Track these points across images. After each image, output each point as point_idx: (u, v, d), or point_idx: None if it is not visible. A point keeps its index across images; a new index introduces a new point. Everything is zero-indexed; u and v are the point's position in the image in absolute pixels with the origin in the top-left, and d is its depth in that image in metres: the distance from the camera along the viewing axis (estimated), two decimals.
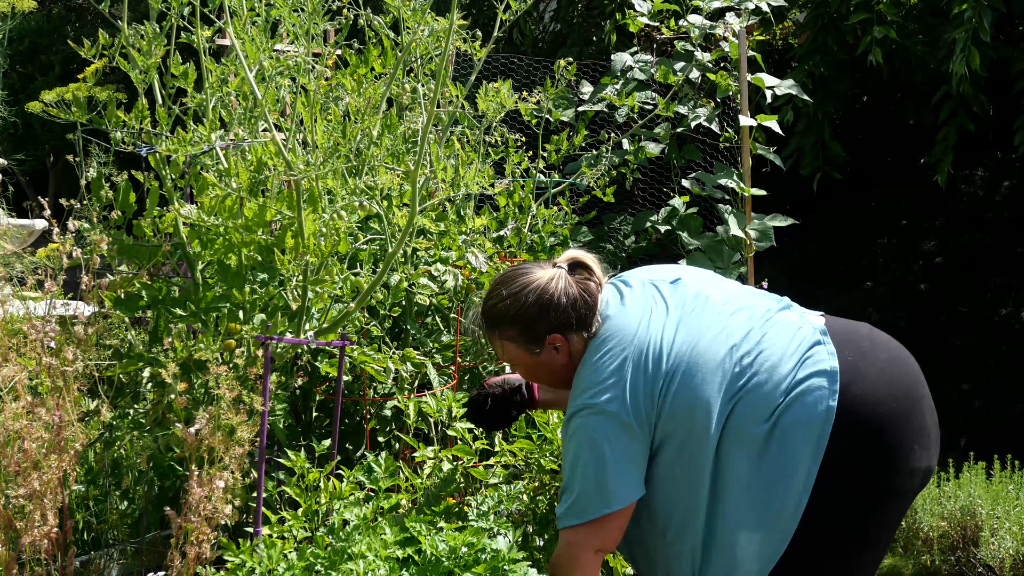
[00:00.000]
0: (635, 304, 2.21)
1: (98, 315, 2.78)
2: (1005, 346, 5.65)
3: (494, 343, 2.31)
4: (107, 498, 2.95)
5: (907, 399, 2.15)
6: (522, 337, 2.22)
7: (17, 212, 4.87)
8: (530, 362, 2.26)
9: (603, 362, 2.13)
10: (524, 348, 2.23)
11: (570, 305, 2.19)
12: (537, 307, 2.19)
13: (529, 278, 2.22)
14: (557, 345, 2.21)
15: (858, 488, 2.11)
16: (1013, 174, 6.18)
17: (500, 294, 2.24)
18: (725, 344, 2.13)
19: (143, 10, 3.02)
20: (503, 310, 2.22)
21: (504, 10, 3.13)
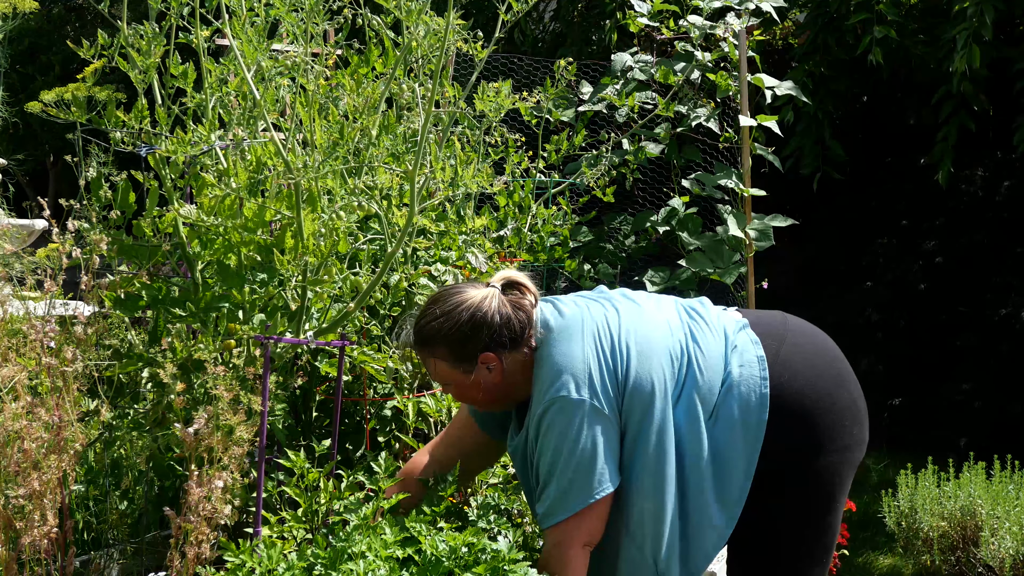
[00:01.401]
0: (574, 308, 2.26)
1: (98, 315, 2.78)
2: (1005, 346, 5.65)
3: (426, 363, 2.32)
4: (107, 498, 2.94)
5: (831, 379, 2.21)
6: (453, 356, 2.23)
7: (17, 212, 4.87)
8: (461, 381, 2.26)
9: (560, 357, 2.15)
10: (456, 367, 2.24)
11: (504, 324, 2.21)
12: (470, 326, 2.21)
13: (462, 297, 2.24)
14: (491, 365, 2.22)
15: (795, 471, 2.16)
16: (1013, 174, 6.18)
17: (433, 313, 2.25)
18: (665, 336, 2.19)
19: (143, 10, 3.01)
20: (435, 328, 2.24)
21: (505, 11, 3.13)
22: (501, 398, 2.29)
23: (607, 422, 2.11)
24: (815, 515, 2.23)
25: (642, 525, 2.16)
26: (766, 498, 2.16)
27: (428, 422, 3.15)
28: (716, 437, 2.13)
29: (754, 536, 2.20)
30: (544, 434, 2.13)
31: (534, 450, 2.20)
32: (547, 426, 2.13)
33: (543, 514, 2.15)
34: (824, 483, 2.21)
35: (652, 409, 2.11)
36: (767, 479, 2.15)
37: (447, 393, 2.44)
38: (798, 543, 2.23)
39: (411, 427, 3.12)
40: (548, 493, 2.14)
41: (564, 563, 2.13)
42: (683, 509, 2.15)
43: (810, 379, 2.19)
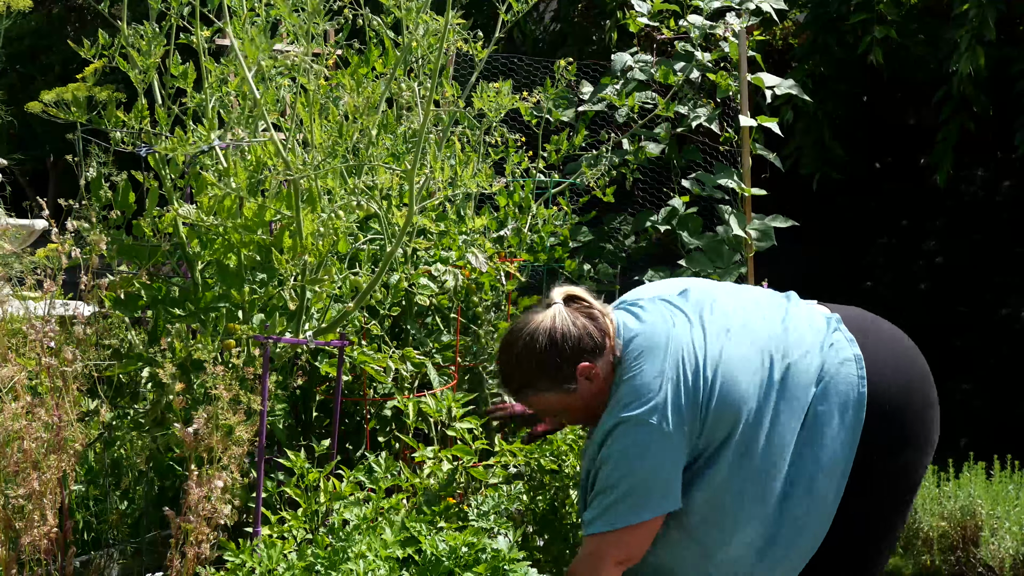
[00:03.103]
0: (655, 319, 2.21)
1: (97, 315, 2.78)
2: (1005, 346, 5.65)
3: (533, 405, 2.30)
4: (107, 498, 2.94)
5: (917, 376, 2.22)
6: (553, 382, 2.18)
7: (17, 212, 4.87)
8: (572, 403, 2.21)
9: (639, 377, 2.11)
10: (560, 391, 2.19)
11: (582, 332, 2.17)
12: (552, 346, 2.16)
13: (530, 327, 2.20)
14: (589, 375, 2.17)
15: (882, 468, 2.15)
16: (1013, 174, 6.18)
17: (511, 355, 2.22)
18: (754, 346, 2.15)
19: (143, 10, 3.01)
20: (522, 367, 2.20)
21: (505, 11, 3.13)
22: (595, 409, 2.22)
23: (675, 448, 2.08)
24: (888, 512, 2.22)
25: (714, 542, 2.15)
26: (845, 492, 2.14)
27: (428, 422, 3.14)
28: (811, 441, 2.11)
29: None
30: (608, 448, 2.11)
31: (594, 458, 2.16)
32: (613, 441, 2.10)
33: (587, 520, 2.13)
34: (903, 480, 2.20)
35: (735, 431, 2.09)
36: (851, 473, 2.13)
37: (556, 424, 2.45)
38: (867, 540, 2.21)
39: (411, 427, 3.12)
40: (598, 502, 2.11)
41: (594, 573, 2.12)
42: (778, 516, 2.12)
43: (898, 376, 2.18)
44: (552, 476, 2.92)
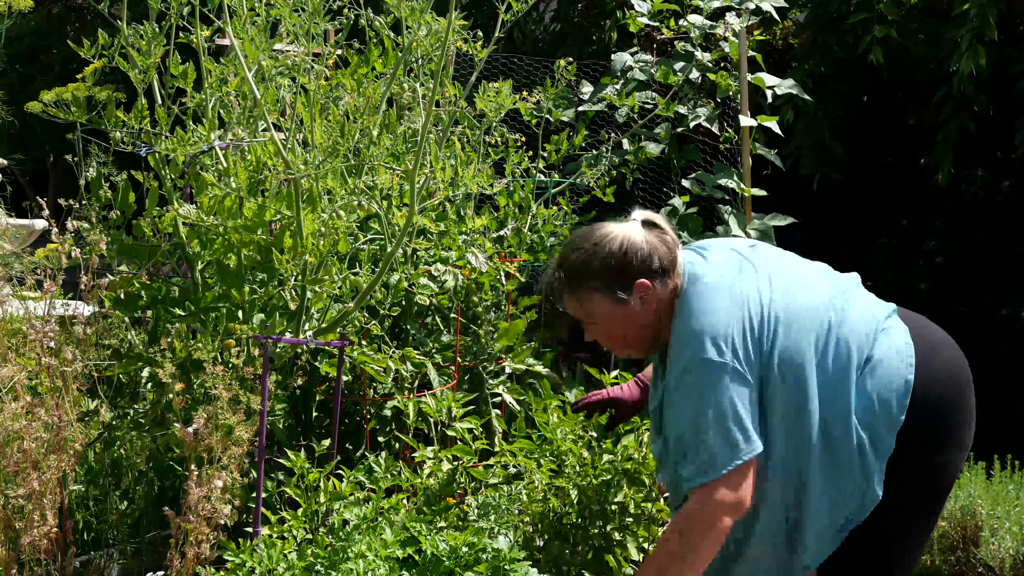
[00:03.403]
0: (722, 263, 2.22)
1: (97, 315, 2.78)
2: (1005, 346, 5.64)
3: (576, 300, 2.25)
4: (107, 498, 2.94)
5: (964, 379, 2.24)
6: (609, 286, 2.18)
7: (17, 212, 4.87)
8: (614, 314, 2.20)
9: (705, 315, 2.11)
10: (611, 298, 2.19)
11: (652, 252, 2.18)
12: (621, 253, 2.17)
13: (607, 229, 2.22)
14: (643, 295, 2.18)
15: (921, 461, 2.16)
16: (1013, 174, 6.17)
17: (582, 247, 2.21)
18: (816, 306, 2.17)
19: (143, 10, 3.01)
20: (587, 260, 2.19)
21: (505, 11, 3.13)
22: (648, 337, 2.24)
23: (748, 385, 2.08)
24: (923, 509, 2.23)
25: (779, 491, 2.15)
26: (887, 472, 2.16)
27: (428, 422, 3.14)
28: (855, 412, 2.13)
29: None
30: (684, 395, 2.10)
31: (670, 405, 2.16)
32: (690, 386, 2.09)
33: (689, 475, 2.09)
34: (940, 478, 2.21)
35: (798, 380, 2.10)
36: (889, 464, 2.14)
37: (592, 335, 2.31)
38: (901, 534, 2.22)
39: (411, 427, 3.12)
40: (693, 455, 2.08)
41: (709, 525, 2.06)
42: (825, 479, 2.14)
43: (947, 375, 2.20)
44: (552, 476, 2.92)
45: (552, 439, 3.12)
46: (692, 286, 2.17)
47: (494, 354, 3.59)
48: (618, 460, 3.13)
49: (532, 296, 4.18)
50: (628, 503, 3.01)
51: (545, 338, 4.71)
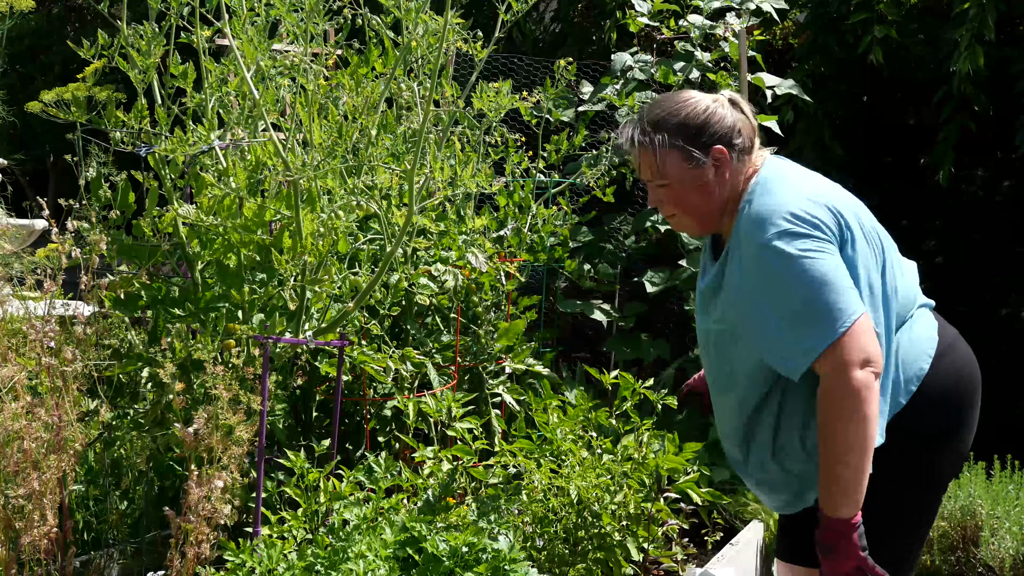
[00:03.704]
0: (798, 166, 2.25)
1: (97, 315, 2.78)
2: (1005, 346, 5.64)
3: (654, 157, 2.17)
4: (107, 498, 2.95)
5: (977, 382, 2.28)
6: (687, 145, 2.14)
7: (17, 212, 4.87)
8: (688, 177, 2.15)
9: (787, 193, 2.09)
10: (686, 158, 2.14)
11: (735, 125, 2.16)
12: (704, 116, 2.15)
13: (692, 93, 2.21)
14: (718, 163, 2.15)
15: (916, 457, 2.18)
16: (1013, 174, 6.17)
17: (666, 104, 2.19)
18: (889, 247, 2.19)
19: (143, 10, 3.01)
20: (668, 117, 2.16)
21: (505, 11, 3.13)
22: (713, 212, 2.18)
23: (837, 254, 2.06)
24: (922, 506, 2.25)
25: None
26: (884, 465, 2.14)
27: (428, 422, 3.14)
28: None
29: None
30: (782, 266, 2.03)
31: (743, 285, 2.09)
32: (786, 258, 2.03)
33: (807, 349, 2.01)
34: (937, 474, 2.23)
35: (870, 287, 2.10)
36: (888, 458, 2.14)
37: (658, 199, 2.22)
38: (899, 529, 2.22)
39: (411, 427, 3.12)
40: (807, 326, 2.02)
41: (849, 387, 1.99)
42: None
43: (960, 372, 2.24)
44: (552, 476, 2.92)
45: (552, 439, 3.13)
46: (774, 172, 2.17)
47: (494, 354, 3.59)
48: (618, 460, 3.13)
49: (532, 296, 4.18)
50: (628, 503, 3.01)
51: (545, 338, 4.71)
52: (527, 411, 3.57)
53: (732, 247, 2.14)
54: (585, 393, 3.55)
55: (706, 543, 3.82)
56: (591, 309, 4.90)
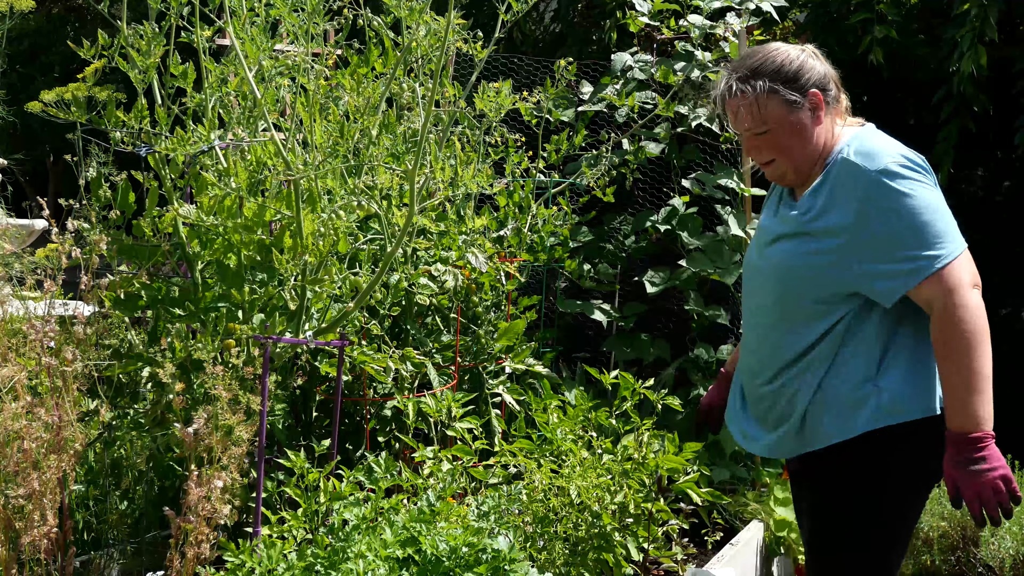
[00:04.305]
0: None
1: (97, 315, 2.78)
2: (1005, 346, 5.64)
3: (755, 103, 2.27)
4: (107, 498, 2.95)
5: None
6: (786, 89, 2.25)
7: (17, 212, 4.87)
8: (787, 121, 2.26)
9: (892, 143, 2.23)
10: (786, 102, 2.25)
11: (825, 73, 2.31)
12: (799, 62, 2.27)
13: (779, 44, 2.33)
14: (814, 106, 2.27)
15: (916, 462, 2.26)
16: (1013, 174, 6.17)
17: (759, 53, 2.30)
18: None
19: (143, 10, 3.01)
20: (766, 63, 2.26)
21: (505, 11, 3.13)
22: (810, 159, 2.28)
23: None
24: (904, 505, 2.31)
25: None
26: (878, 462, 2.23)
27: (428, 422, 3.14)
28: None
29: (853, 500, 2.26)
30: (899, 192, 2.13)
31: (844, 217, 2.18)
32: (902, 182, 2.14)
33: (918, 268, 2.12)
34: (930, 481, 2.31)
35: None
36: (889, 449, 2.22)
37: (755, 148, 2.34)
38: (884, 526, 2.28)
39: (411, 427, 3.12)
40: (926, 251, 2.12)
41: (970, 303, 2.12)
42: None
43: None
44: (552, 476, 2.92)
45: (552, 439, 3.13)
46: (871, 130, 2.31)
47: (494, 354, 3.59)
48: (618, 460, 3.13)
49: (532, 296, 4.18)
50: (628, 503, 3.01)
51: (545, 338, 4.71)
52: (527, 411, 3.57)
53: (822, 187, 2.24)
54: (585, 393, 3.55)
55: (706, 543, 3.82)
56: (591, 309, 4.90)
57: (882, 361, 2.21)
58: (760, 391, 2.35)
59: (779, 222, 2.35)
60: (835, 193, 2.21)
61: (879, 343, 2.21)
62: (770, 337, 2.32)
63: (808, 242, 2.24)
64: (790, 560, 3.83)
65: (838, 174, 2.21)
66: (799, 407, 2.26)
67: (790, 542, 3.81)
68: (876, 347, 2.21)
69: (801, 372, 2.26)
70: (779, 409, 2.30)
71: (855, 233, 2.16)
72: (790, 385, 2.27)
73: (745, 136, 2.33)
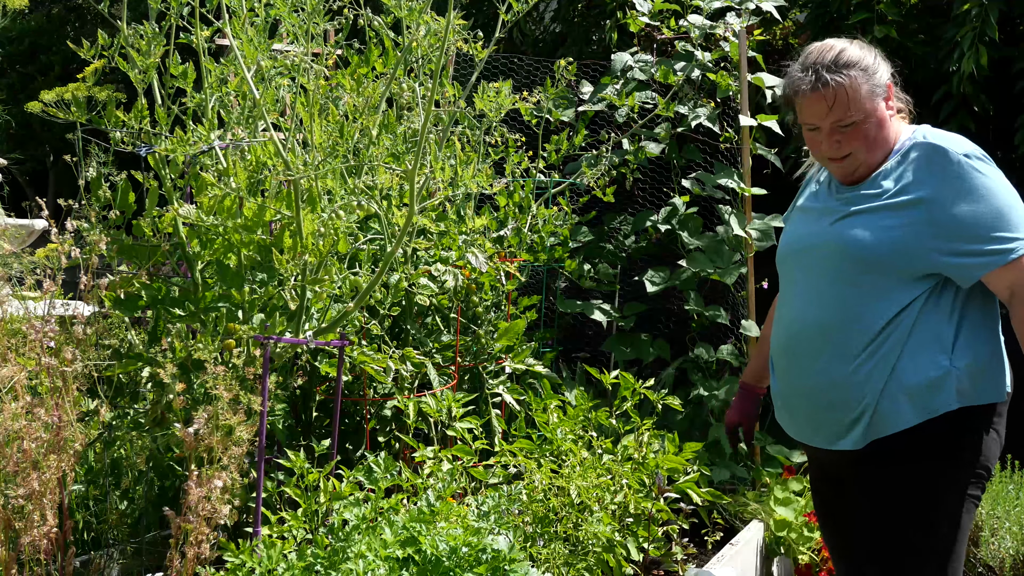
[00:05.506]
0: None
1: (97, 315, 2.78)
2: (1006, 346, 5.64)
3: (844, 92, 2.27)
4: (107, 498, 2.95)
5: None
6: (866, 77, 2.28)
7: (16, 212, 4.87)
8: (872, 109, 2.27)
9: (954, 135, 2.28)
10: (871, 91, 2.28)
11: (886, 65, 2.36)
12: (874, 54, 2.32)
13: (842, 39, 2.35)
14: (889, 96, 2.32)
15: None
16: (1013, 174, 6.16)
17: (835, 45, 2.31)
18: None
19: (143, 10, 3.01)
20: (848, 54, 2.28)
21: (505, 11, 3.13)
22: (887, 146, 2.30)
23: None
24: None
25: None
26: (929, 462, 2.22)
27: (428, 422, 3.14)
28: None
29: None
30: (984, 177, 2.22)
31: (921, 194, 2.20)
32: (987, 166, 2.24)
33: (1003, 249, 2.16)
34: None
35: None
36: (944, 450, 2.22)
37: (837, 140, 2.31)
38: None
39: (411, 427, 3.12)
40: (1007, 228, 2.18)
41: None
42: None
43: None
44: (552, 476, 2.92)
45: (552, 439, 3.13)
46: (924, 125, 2.34)
47: (494, 354, 3.59)
48: (618, 460, 3.13)
49: (532, 296, 4.18)
50: (628, 503, 3.01)
51: (545, 338, 4.71)
52: (527, 411, 3.57)
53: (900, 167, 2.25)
54: (585, 393, 3.55)
55: (706, 543, 3.82)
56: (591, 309, 4.90)
57: (955, 344, 2.21)
58: (819, 381, 2.28)
59: (843, 202, 2.32)
60: (917, 172, 2.22)
61: (952, 326, 2.22)
62: (835, 320, 2.26)
63: (888, 216, 2.22)
64: (790, 560, 3.82)
65: (919, 155, 2.23)
66: (872, 391, 2.21)
67: (790, 542, 3.81)
68: (949, 330, 2.21)
69: (872, 355, 2.21)
70: (848, 395, 2.24)
71: (939, 210, 2.17)
72: (861, 369, 2.22)
73: (826, 130, 2.30)
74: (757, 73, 5.03)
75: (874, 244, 2.21)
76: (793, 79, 2.32)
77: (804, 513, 3.84)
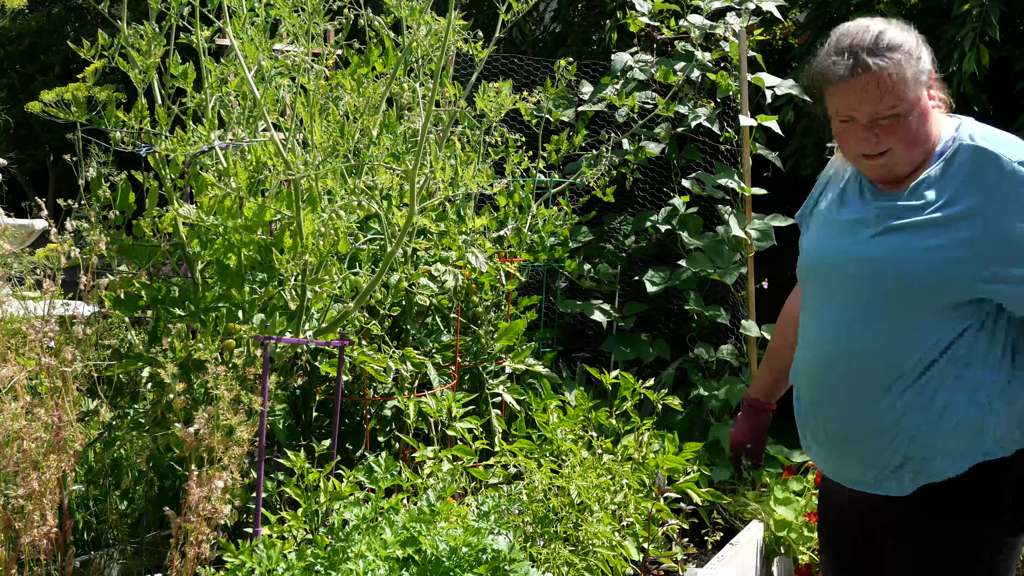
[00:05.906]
0: None
1: (97, 315, 2.78)
2: None
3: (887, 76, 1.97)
4: (107, 498, 2.95)
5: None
6: (912, 61, 1.97)
7: (16, 212, 4.87)
8: (915, 98, 1.98)
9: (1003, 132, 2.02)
10: (915, 77, 1.97)
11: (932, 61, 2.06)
12: (916, 37, 2.03)
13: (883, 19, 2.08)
14: (930, 86, 2.02)
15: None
16: None
17: (878, 28, 2.01)
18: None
19: (143, 10, 3.01)
20: (893, 38, 1.98)
21: (505, 11, 3.13)
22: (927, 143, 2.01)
23: None
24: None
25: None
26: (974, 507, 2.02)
27: (428, 422, 3.14)
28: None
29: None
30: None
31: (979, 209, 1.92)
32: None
33: None
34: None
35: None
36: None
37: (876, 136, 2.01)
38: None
39: (411, 427, 3.12)
40: None
41: None
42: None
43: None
44: (552, 476, 2.92)
45: (552, 439, 3.13)
46: (968, 118, 2.06)
47: (494, 354, 3.59)
48: (618, 460, 3.13)
49: (532, 296, 4.18)
50: (628, 503, 3.01)
51: (545, 338, 4.71)
52: (527, 411, 3.57)
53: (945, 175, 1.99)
54: (585, 393, 3.55)
55: (706, 543, 3.82)
56: (591, 309, 4.90)
57: (1003, 384, 1.97)
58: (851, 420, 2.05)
59: (880, 213, 2.06)
60: (965, 183, 1.96)
61: (997, 361, 1.98)
62: (870, 349, 2.02)
63: (931, 234, 1.96)
64: (790, 560, 3.82)
65: (966, 161, 1.97)
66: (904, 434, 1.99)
67: (790, 542, 3.81)
68: (995, 367, 1.97)
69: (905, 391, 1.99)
70: (888, 435, 2.01)
71: (993, 226, 1.91)
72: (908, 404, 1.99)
73: (864, 123, 2.01)
74: (757, 73, 5.03)
75: (915, 266, 1.97)
76: (825, 64, 2.03)
77: (804, 513, 3.84)
